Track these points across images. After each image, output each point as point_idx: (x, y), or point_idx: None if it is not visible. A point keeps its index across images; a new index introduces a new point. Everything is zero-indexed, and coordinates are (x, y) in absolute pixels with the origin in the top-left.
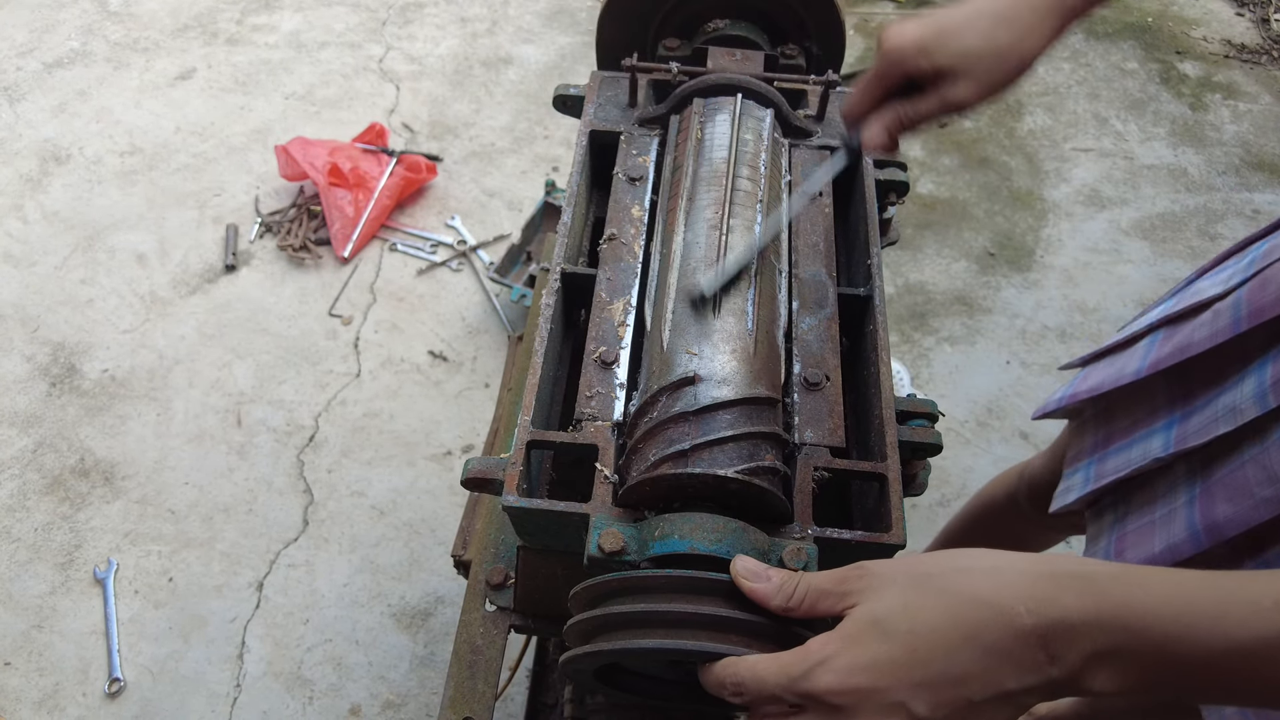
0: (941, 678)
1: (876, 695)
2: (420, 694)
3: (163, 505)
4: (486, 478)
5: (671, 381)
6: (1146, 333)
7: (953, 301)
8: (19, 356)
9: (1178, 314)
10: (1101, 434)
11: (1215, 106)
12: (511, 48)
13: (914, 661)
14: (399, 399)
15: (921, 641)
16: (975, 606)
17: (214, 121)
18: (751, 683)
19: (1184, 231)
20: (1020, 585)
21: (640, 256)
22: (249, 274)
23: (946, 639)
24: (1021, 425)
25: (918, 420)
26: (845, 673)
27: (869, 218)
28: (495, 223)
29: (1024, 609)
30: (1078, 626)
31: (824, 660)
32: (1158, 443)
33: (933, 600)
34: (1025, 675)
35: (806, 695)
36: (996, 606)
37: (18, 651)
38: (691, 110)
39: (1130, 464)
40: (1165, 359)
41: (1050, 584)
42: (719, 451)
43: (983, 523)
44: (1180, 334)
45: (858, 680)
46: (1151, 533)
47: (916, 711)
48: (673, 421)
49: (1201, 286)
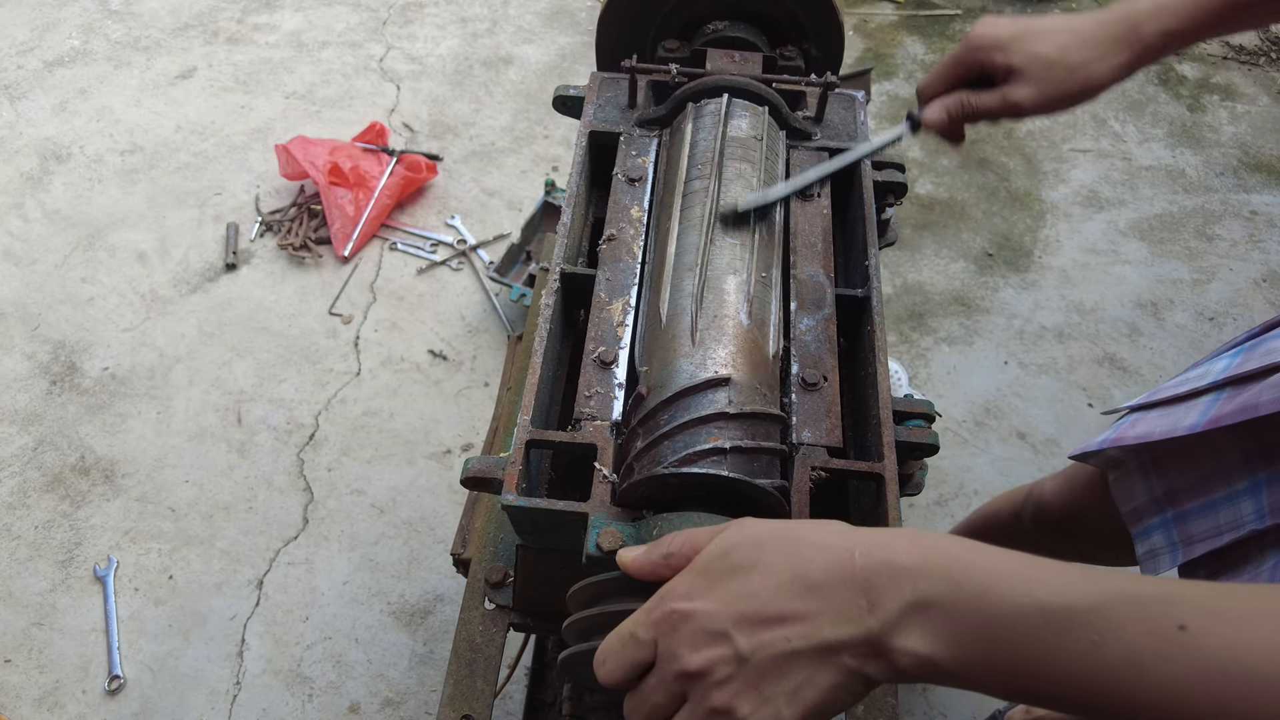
0: (764, 613)
1: (706, 620)
2: (419, 692)
3: (163, 503)
4: (486, 477)
5: (671, 381)
6: (1209, 390)
7: (951, 302)
8: (19, 354)
9: (1246, 374)
10: (1160, 489)
11: (1213, 108)
12: (512, 48)
13: (744, 593)
14: (399, 398)
15: (758, 575)
16: (813, 548)
17: (215, 120)
18: (611, 640)
19: (1182, 232)
20: (863, 535)
21: (639, 257)
22: (249, 273)
23: (778, 575)
24: (1019, 425)
25: (915, 420)
26: (683, 597)
27: (867, 218)
28: (495, 222)
29: (858, 552)
30: (903, 570)
31: (670, 588)
32: (1249, 508)
33: (779, 542)
34: (842, 623)
35: (655, 624)
36: (832, 548)
37: (18, 649)
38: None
39: (1220, 530)
40: (1227, 417)
41: (891, 536)
42: (717, 451)
43: (982, 537)
44: (1246, 394)
45: (694, 605)
46: None
47: (739, 646)
48: (672, 421)
49: (1273, 346)
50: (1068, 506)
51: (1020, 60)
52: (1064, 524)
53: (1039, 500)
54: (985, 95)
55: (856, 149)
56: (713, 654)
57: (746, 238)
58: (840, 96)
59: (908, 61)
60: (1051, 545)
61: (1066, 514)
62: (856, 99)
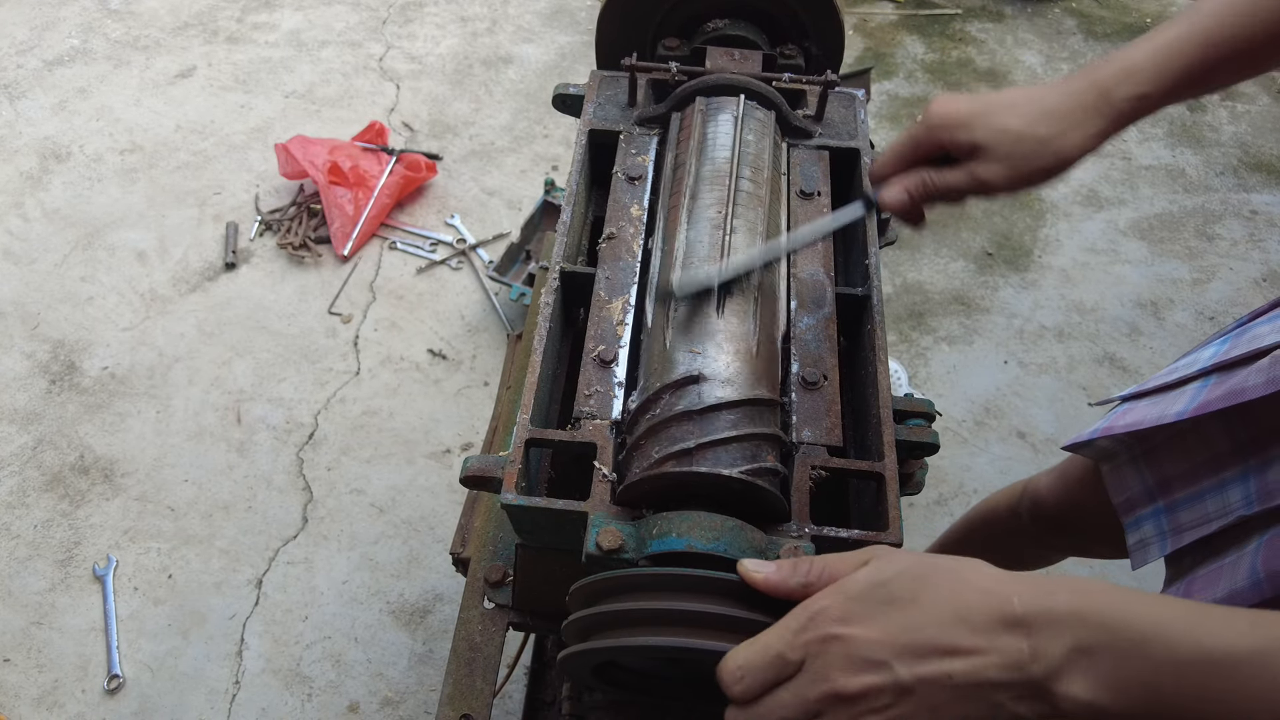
0: (930, 646)
1: (864, 647)
2: (419, 691)
3: (162, 502)
4: (485, 475)
5: (671, 380)
6: (1198, 377)
7: (951, 301)
8: (19, 354)
9: (1233, 360)
10: (1153, 479)
11: (1213, 107)
12: (511, 47)
13: (908, 625)
14: (398, 397)
15: (919, 610)
16: (974, 591)
17: (214, 120)
18: (755, 655)
19: (1182, 232)
20: (1022, 583)
21: (639, 255)
22: (249, 272)
23: (939, 610)
24: (1019, 425)
25: (915, 419)
26: (840, 621)
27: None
28: (495, 221)
29: (1017, 599)
30: (1063, 618)
31: (824, 609)
32: (1236, 496)
33: (938, 579)
34: (1004, 665)
35: (806, 646)
36: (993, 592)
37: (17, 648)
38: (694, 109)
39: (1209, 518)
40: (1215, 402)
41: (1045, 583)
42: (718, 450)
43: (981, 532)
44: (1233, 379)
45: (851, 630)
46: (1219, 577)
47: (899, 675)
48: (672, 420)
49: (1259, 332)
50: (1063, 501)
51: (985, 136)
52: (1060, 518)
53: (1035, 496)
54: (950, 173)
55: (804, 231)
56: (871, 680)
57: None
58: (840, 95)
59: (907, 61)
60: (1049, 539)
61: (1062, 508)
62: (857, 98)
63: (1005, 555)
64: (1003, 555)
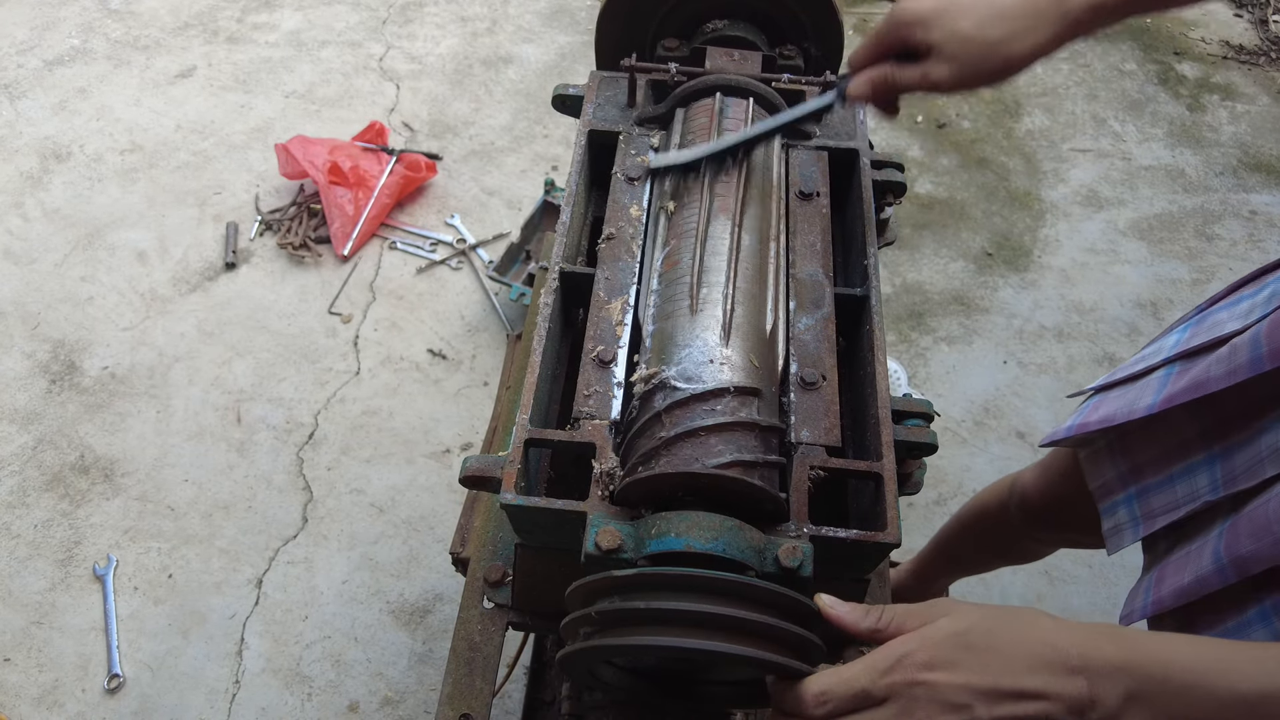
0: (1006, 691)
1: (949, 691)
2: (418, 691)
3: (162, 502)
4: (485, 475)
5: (669, 380)
6: (1161, 365)
7: (950, 301)
8: (19, 353)
9: (1194, 349)
10: (1125, 466)
11: (1213, 107)
12: (511, 47)
13: (986, 672)
14: (398, 397)
15: (997, 657)
16: (1042, 644)
17: (214, 120)
18: (839, 686)
19: (1181, 232)
20: (1071, 631)
21: (638, 256)
22: (249, 272)
23: (1015, 661)
24: (1018, 425)
25: (913, 419)
26: (925, 668)
27: (866, 217)
28: (494, 221)
29: (1075, 652)
30: (1117, 669)
31: (908, 653)
32: (1204, 481)
33: (1008, 631)
34: (1070, 709)
35: (891, 686)
36: (1057, 647)
37: (17, 647)
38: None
39: (1178, 504)
40: (1180, 394)
41: (1094, 635)
42: (716, 450)
43: (973, 529)
44: (1196, 369)
45: (936, 676)
46: (1187, 563)
47: (978, 715)
48: (669, 419)
49: (1219, 318)
50: (1047, 495)
51: (939, 37)
52: (1047, 513)
53: (1022, 493)
54: (907, 70)
55: (781, 115)
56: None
57: (751, 235)
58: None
59: None
60: (1039, 534)
61: (1048, 503)
62: None
63: (997, 551)
64: (995, 551)
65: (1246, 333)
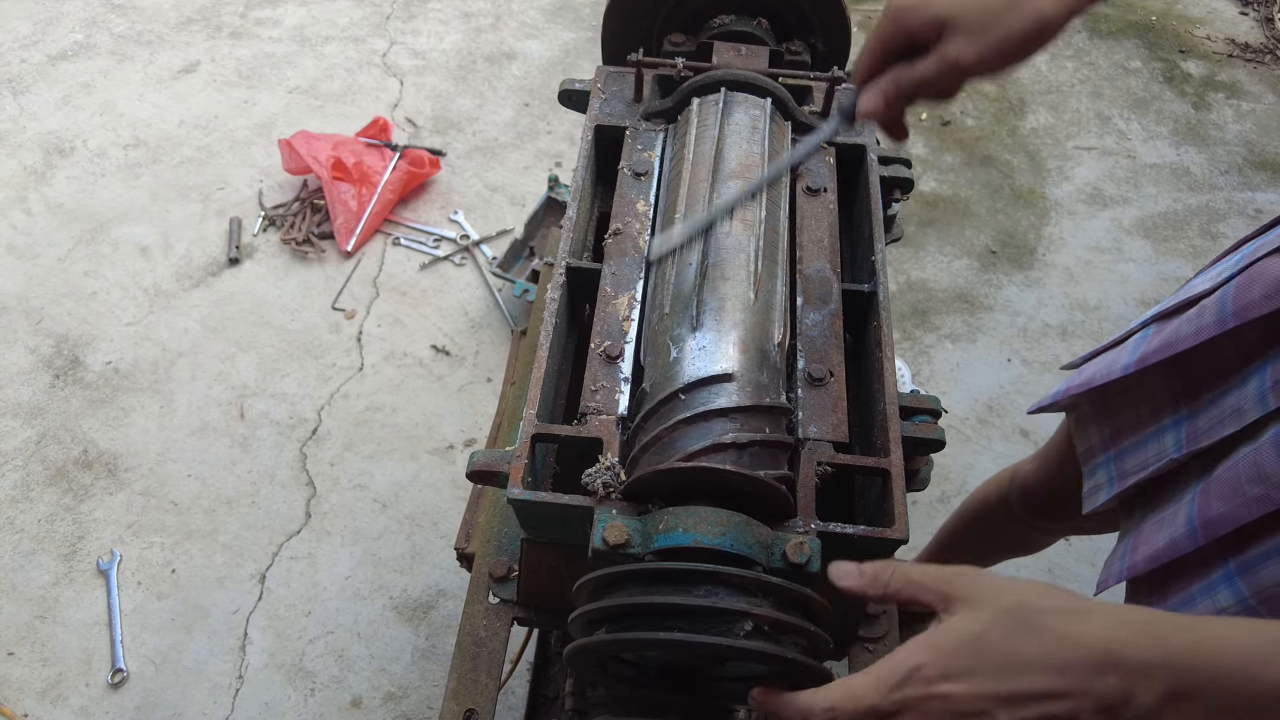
0: (1026, 692)
1: (965, 703)
2: (422, 686)
3: (165, 497)
4: (491, 470)
5: (676, 375)
6: (1139, 329)
7: (954, 299)
8: (23, 348)
9: (1168, 310)
10: (1108, 429)
11: (1218, 106)
12: (515, 43)
13: (1006, 675)
14: (401, 393)
15: (1017, 660)
16: (1066, 641)
17: (218, 115)
18: (848, 702)
19: (1186, 231)
20: (1101, 626)
21: (645, 251)
22: (252, 267)
23: (1031, 658)
24: (1022, 423)
25: (921, 416)
26: (938, 680)
27: (873, 214)
28: (498, 217)
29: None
30: (1152, 665)
31: (919, 666)
32: (1170, 441)
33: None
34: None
35: (902, 702)
36: (1083, 643)
37: (21, 642)
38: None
39: (1148, 464)
40: (1152, 354)
41: (1124, 630)
42: (723, 446)
43: (975, 524)
44: (1168, 329)
45: (952, 688)
46: (1160, 527)
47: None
48: (677, 415)
49: (1195, 282)
50: (1045, 484)
51: (949, 9)
52: (1049, 503)
53: (1022, 482)
54: (920, 64)
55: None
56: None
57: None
58: (846, 92)
59: None
60: (1042, 524)
61: (1048, 492)
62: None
63: (1001, 543)
64: (998, 543)
65: (1216, 292)
